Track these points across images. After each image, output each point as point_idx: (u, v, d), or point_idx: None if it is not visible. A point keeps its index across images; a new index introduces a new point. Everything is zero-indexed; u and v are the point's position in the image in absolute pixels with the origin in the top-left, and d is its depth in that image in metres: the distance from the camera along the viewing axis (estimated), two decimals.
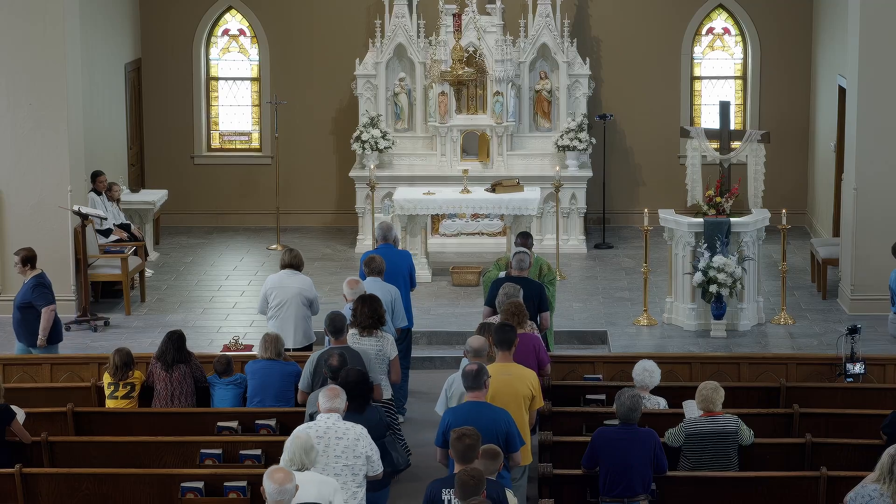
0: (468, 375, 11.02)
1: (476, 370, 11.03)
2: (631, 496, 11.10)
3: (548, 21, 22.11)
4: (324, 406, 10.81)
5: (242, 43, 24.01)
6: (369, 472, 10.73)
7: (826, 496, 11.43)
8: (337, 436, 10.62)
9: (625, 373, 13.64)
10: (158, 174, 23.75)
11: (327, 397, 10.82)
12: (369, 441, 10.74)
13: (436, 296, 19.42)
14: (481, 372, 11.04)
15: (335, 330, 12.61)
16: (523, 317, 12.67)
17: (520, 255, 14.52)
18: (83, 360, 15.03)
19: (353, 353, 12.42)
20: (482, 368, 11.08)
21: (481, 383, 11.01)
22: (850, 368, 14.06)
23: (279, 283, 15.13)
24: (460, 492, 9.39)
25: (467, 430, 10.04)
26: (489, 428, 10.77)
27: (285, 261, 15.29)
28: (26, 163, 18.36)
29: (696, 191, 18.99)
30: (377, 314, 12.94)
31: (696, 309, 17.89)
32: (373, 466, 10.73)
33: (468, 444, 9.92)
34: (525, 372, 11.82)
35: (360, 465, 10.65)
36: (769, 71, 23.35)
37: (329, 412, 10.77)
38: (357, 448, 10.65)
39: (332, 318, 12.63)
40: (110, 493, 11.65)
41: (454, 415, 10.95)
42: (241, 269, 21.14)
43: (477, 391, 11.01)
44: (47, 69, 18.23)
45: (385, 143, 21.94)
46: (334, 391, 10.86)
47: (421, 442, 14.49)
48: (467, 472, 9.49)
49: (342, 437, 10.64)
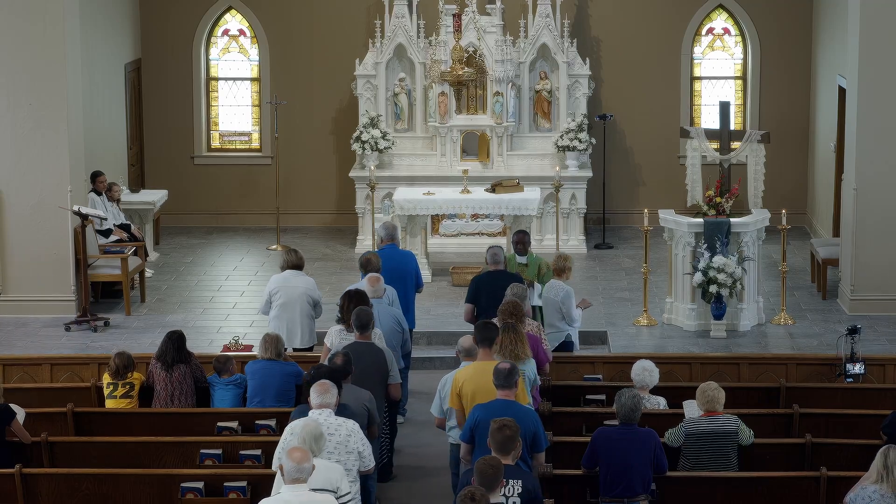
0: (500, 374, 11.03)
1: (508, 369, 11.05)
2: (631, 496, 11.10)
3: (548, 21, 22.11)
4: (315, 402, 10.88)
5: (242, 43, 24.01)
6: (361, 467, 10.82)
7: (826, 496, 11.43)
8: (329, 432, 10.68)
9: (625, 373, 13.64)
10: (158, 174, 23.75)
11: (318, 392, 10.90)
12: (361, 437, 10.86)
13: (436, 296, 19.42)
14: (513, 371, 11.05)
15: (361, 325, 12.77)
16: (521, 315, 12.65)
17: (493, 250, 15.00)
18: (83, 360, 15.05)
19: (375, 348, 12.67)
20: (514, 367, 11.10)
21: (513, 382, 11.02)
22: (850, 368, 14.07)
23: (284, 282, 15.15)
24: (479, 479, 9.49)
25: (508, 421, 10.11)
26: None
27: (291, 261, 15.30)
28: (26, 163, 18.35)
29: (696, 191, 18.99)
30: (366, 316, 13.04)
31: (696, 309, 17.88)
32: (364, 462, 10.84)
33: (508, 436, 10.03)
34: None
35: (352, 461, 10.76)
36: (769, 71, 23.35)
37: (320, 407, 10.86)
38: (349, 444, 10.76)
39: (357, 314, 12.81)
40: (110, 493, 11.65)
41: (484, 411, 10.90)
42: (241, 270, 21.13)
43: (508, 389, 11.00)
44: (47, 69, 18.23)
45: (385, 144, 21.94)
46: (324, 386, 10.93)
47: (421, 442, 14.49)
48: (486, 462, 9.60)
49: (334, 434, 10.73)
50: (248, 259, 21.73)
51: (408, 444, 14.56)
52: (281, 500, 9.34)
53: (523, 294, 13.37)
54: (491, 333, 11.84)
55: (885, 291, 18.34)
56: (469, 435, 10.96)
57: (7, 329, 18.02)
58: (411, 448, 14.45)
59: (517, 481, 10.01)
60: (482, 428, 10.67)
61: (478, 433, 10.80)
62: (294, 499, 9.27)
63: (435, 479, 13.51)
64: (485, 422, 10.61)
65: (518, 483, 10.01)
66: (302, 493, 9.32)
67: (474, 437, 10.87)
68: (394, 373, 12.76)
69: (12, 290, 18.46)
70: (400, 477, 13.82)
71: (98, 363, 14.66)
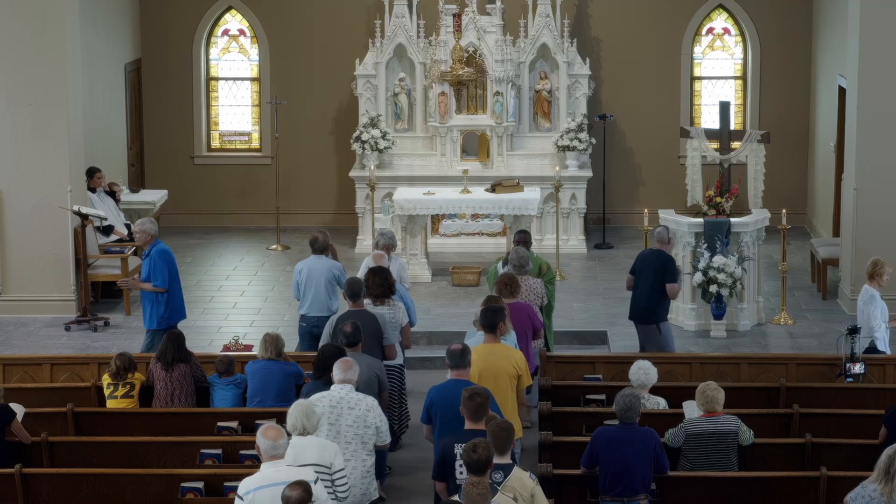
0: (453, 354, 11.59)
1: (461, 349, 11.61)
2: (631, 496, 11.11)
3: (548, 21, 22.11)
4: (337, 377, 11.43)
5: (242, 43, 24.01)
6: (378, 441, 11.36)
7: (826, 496, 11.43)
8: (349, 406, 11.27)
9: (625, 373, 13.63)
10: (158, 174, 23.76)
11: (341, 369, 11.44)
12: (379, 412, 11.39)
13: (436, 296, 19.42)
14: (465, 351, 11.62)
15: (353, 294, 13.53)
16: (516, 287, 13.55)
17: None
18: (83, 360, 15.03)
19: (370, 315, 13.39)
20: (466, 348, 11.67)
21: (465, 362, 11.58)
22: (850, 368, 14.06)
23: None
24: (494, 442, 10.03)
25: (478, 388, 10.73)
26: None
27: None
28: (26, 163, 18.36)
29: (696, 191, 19.00)
30: (387, 283, 13.85)
31: (696, 309, 17.89)
32: (381, 436, 11.36)
33: (479, 403, 10.58)
34: (510, 351, 12.33)
35: (369, 435, 11.28)
36: (769, 71, 23.36)
37: (343, 383, 11.39)
38: (367, 419, 11.28)
39: (350, 283, 13.65)
40: (110, 494, 11.65)
41: (438, 391, 11.50)
42: (241, 270, 21.14)
43: (461, 370, 11.55)
44: (47, 69, 18.23)
45: (385, 144, 21.95)
46: (348, 363, 11.49)
47: (421, 443, 14.45)
48: (497, 425, 10.21)
49: (354, 408, 11.28)
50: (248, 259, 21.73)
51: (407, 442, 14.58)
52: (260, 476, 9.84)
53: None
54: (495, 320, 12.34)
55: (885, 291, 18.32)
56: (427, 416, 11.53)
57: (7, 329, 18.03)
58: (411, 446, 14.45)
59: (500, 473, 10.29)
60: (436, 407, 11.39)
61: (433, 412, 11.43)
62: (272, 475, 9.78)
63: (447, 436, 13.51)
64: (438, 401, 11.37)
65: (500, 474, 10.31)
66: (281, 468, 9.85)
67: (431, 417, 11.47)
68: (388, 335, 13.56)
69: (12, 290, 18.47)
70: (398, 473, 13.85)
71: (98, 363, 14.64)
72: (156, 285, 15.26)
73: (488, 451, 9.73)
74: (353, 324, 12.60)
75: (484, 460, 9.69)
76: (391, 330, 13.68)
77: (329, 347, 12.42)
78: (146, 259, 15.37)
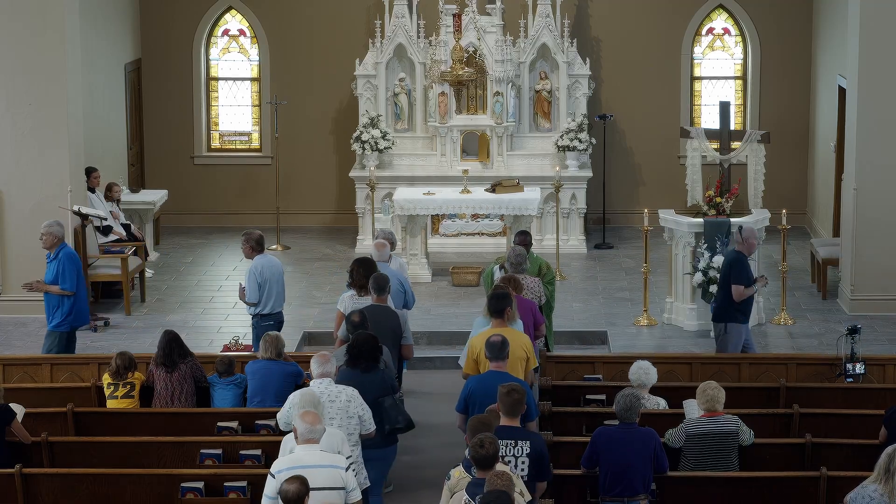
0: (493, 346, 11.69)
1: (500, 341, 11.71)
2: (631, 495, 11.10)
3: (548, 21, 22.11)
4: (316, 372, 11.48)
5: (242, 43, 24.02)
6: (362, 430, 11.40)
7: (826, 496, 11.43)
8: (330, 399, 11.27)
9: (625, 373, 13.62)
10: (158, 174, 23.76)
11: (319, 363, 11.51)
12: (360, 402, 11.41)
13: (436, 296, 19.42)
14: (505, 343, 11.70)
15: (378, 288, 13.57)
16: (519, 286, 13.67)
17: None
18: (83, 360, 15.02)
19: (391, 312, 13.49)
20: (506, 341, 11.74)
21: (504, 354, 11.68)
22: (850, 368, 14.05)
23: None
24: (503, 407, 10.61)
25: (515, 385, 10.84)
26: None
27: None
28: (26, 163, 18.36)
29: (696, 191, 18.99)
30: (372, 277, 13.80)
31: (696, 309, 17.89)
32: (365, 425, 11.40)
33: (516, 399, 10.72)
34: (518, 335, 12.53)
35: (353, 425, 11.33)
36: (769, 71, 23.36)
37: (321, 377, 11.45)
38: (349, 409, 11.33)
39: (375, 278, 13.65)
40: (110, 493, 11.64)
41: (477, 382, 11.63)
42: (241, 270, 21.08)
43: (500, 361, 11.67)
44: (47, 69, 18.22)
45: (385, 144, 21.95)
46: (325, 357, 11.56)
47: (421, 445, 14.45)
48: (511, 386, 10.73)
49: (335, 400, 11.31)
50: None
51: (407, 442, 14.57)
52: (294, 457, 10.09)
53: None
54: (503, 305, 12.54)
55: (885, 291, 18.35)
56: (464, 405, 11.59)
57: (7, 329, 18.02)
58: (411, 449, 14.43)
59: (526, 442, 10.60)
60: (475, 398, 11.45)
61: (471, 403, 11.49)
62: (307, 456, 10.03)
63: None
64: (477, 392, 11.45)
65: (527, 444, 10.60)
66: (315, 451, 10.08)
67: (468, 407, 11.52)
68: (406, 334, 13.63)
69: (12, 290, 18.46)
70: (400, 474, 13.84)
71: (98, 363, 14.64)
72: (64, 288, 15.18)
73: (495, 445, 9.87)
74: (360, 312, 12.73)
75: (491, 455, 9.82)
76: (409, 328, 13.80)
77: (363, 335, 12.22)
78: (53, 262, 15.30)
